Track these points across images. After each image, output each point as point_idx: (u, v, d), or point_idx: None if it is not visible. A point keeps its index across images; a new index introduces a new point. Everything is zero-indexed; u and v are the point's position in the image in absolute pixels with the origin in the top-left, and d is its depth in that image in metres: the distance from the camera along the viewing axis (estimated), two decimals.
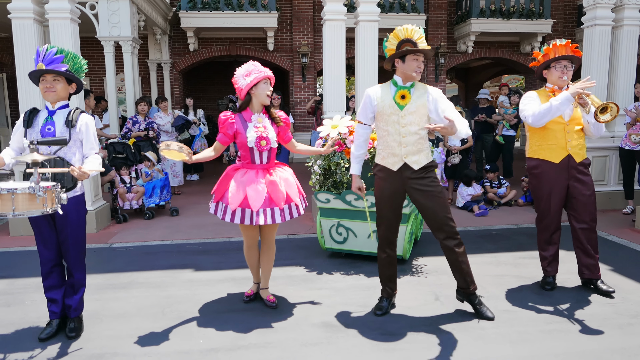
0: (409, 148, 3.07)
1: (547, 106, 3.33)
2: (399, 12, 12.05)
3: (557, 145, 3.49)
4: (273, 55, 12.66)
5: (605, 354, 2.76)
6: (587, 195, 3.53)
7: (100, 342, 2.96)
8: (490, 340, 2.93)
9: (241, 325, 3.16)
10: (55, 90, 2.89)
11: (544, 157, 3.55)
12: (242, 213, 3.12)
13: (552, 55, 3.48)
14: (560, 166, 3.51)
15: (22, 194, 2.51)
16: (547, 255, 3.72)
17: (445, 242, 3.15)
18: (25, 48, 5.30)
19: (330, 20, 5.84)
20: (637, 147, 5.97)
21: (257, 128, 3.16)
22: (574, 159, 3.50)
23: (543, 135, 3.54)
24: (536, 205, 3.73)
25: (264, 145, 3.16)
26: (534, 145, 3.61)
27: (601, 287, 3.59)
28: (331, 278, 4.05)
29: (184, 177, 8.95)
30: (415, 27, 3.05)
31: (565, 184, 3.54)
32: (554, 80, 3.51)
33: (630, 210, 6.28)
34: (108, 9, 7.89)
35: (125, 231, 5.76)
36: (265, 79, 3.18)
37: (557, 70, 3.48)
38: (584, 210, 3.54)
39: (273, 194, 3.15)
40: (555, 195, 3.56)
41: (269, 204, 3.14)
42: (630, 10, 6.44)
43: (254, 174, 3.18)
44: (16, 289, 3.89)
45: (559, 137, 3.49)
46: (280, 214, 3.18)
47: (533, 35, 12.90)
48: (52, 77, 2.88)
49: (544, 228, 3.70)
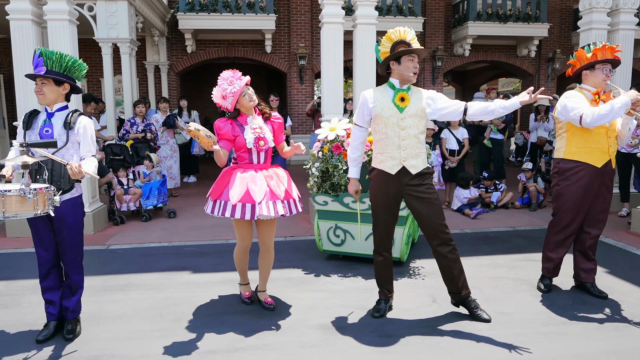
0: (408, 151, 3.08)
1: (609, 108, 3.20)
2: (397, 15, 12.11)
3: (599, 149, 3.41)
4: (271, 57, 12.68)
5: (602, 356, 2.77)
6: (607, 204, 3.54)
7: (97, 344, 2.95)
8: (488, 342, 2.94)
9: (239, 328, 3.16)
10: (44, 93, 2.89)
11: (586, 159, 3.43)
12: (243, 208, 3.12)
13: (600, 56, 3.41)
14: (599, 171, 3.44)
15: (13, 196, 2.51)
16: (555, 258, 3.65)
17: (438, 248, 3.16)
18: (23, 49, 5.29)
19: (328, 23, 5.86)
20: (633, 151, 6.02)
21: (253, 130, 3.22)
22: (612, 164, 3.47)
23: (587, 137, 3.41)
24: (558, 206, 3.59)
25: (262, 145, 3.22)
26: (574, 147, 3.48)
27: (595, 291, 3.61)
28: (329, 280, 4.06)
29: (181, 180, 8.94)
30: (407, 28, 3.08)
31: (596, 190, 3.49)
32: (597, 82, 3.44)
33: (626, 212, 6.31)
34: (106, 10, 7.90)
35: (122, 233, 5.75)
36: (243, 90, 3.19)
37: (602, 72, 3.42)
38: (603, 220, 3.56)
39: (274, 188, 3.19)
40: (586, 199, 3.48)
41: (270, 197, 3.17)
42: (625, 14, 6.50)
43: (253, 171, 3.23)
44: (13, 290, 3.88)
45: (602, 141, 3.41)
46: (282, 206, 3.20)
47: (529, 39, 12.98)
48: (40, 80, 2.89)
49: (560, 230, 3.59)
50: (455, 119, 3.21)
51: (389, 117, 3.08)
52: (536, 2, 12.49)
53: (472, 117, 3.18)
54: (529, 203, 6.96)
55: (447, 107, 3.14)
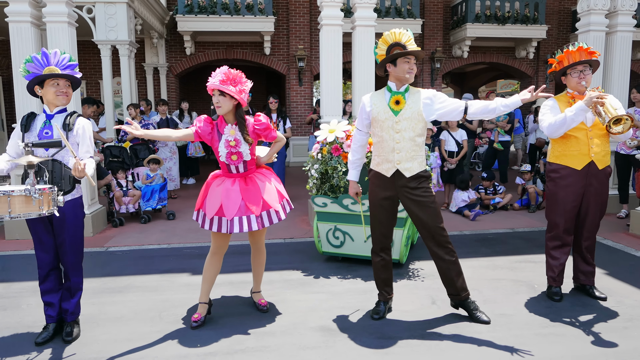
0: (402, 154, 3.08)
1: (562, 118, 3.28)
2: (395, 17, 12.13)
3: (579, 152, 3.40)
4: (270, 59, 12.69)
5: (601, 357, 2.78)
6: (598, 208, 3.50)
7: (97, 346, 2.95)
8: (487, 343, 2.94)
9: (238, 329, 3.16)
10: (68, 95, 2.96)
11: (566, 162, 3.45)
12: (219, 221, 3.08)
13: (566, 62, 3.42)
14: (581, 173, 3.43)
15: (18, 196, 2.52)
16: (557, 264, 3.59)
17: (435, 250, 3.17)
18: (22, 52, 5.29)
19: (327, 25, 5.87)
20: (632, 152, 6.02)
21: (228, 142, 3.07)
22: (596, 165, 3.41)
23: (565, 142, 3.45)
24: (549, 210, 3.60)
25: (235, 160, 3.10)
26: (556, 151, 3.52)
27: (594, 293, 3.61)
28: (328, 282, 4.06)
29: (180, 181, 8.94)
30: (402, 30, 3.07)
31: (582, 191, 3.47)
32: (572, 86, 3.45)
33: (624, 214, 6.32)
34: (105, 12, 7.90)
35: (121, 235, 5.74)
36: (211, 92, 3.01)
37: (573, 76, 3.42)
38: (593, 223, 3.53)
39: (248, 201, 3.09)
40: (570, 202, 3.47)
41: (244, 212, 3.07)
42: (623, 17, 6.52)
43: (230, 183, 3.13)
44: (12, 292, 3.87)
45: (581, 143, 3.40)
46: (257, 220, 3.09)
47: (528, 41, 13.01)
48: (66, 82, 2.93)
49: (555, 235, 3.59)
50: (455, 118, 3.14)
51: (385, 120, 3.08)
52: (534, 4, 12.52)
53: (473, 116, 3.12)
54: (528, 205, 6.97)
55: (446, 106, 3.08)
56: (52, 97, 2.91)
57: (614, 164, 6.45)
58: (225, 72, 2.96)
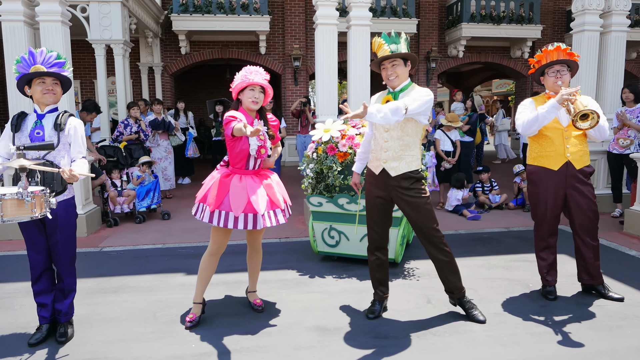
0: (389, 153, 3.11)
1: (534, 115, 3.33)
2: (391, 17, 12.15)
3: (555, 152, 3.43)
4: (265, 58, 12.67)
5: (595, 356, 2.79)
6: (587, 208, 3.46)
7: (90, 347, 2.93)
8: (482, 343, 2.95)
9: (233, 329, 3.15)
10: (56, 93, 2.92)
11: (542, 164, 3.49)
12: (245, 218, 3.05)
13: (544, 61, 3.46)
14: (558, 173, 3.44)
15: (10, 200, 2.49)
16: (545, 265, 3.62)
17: (430, 250, 3.20)
18: (15, 51, 5.25)
19: (322, 24, 5.87)
20: (625, 151, 6.05)
21: (258, 136, 3.10)
22: (574, 165, 3.42)
23: (541, 142, 3.49)
24: (533, 212, 3.67)
25: (263, 154, 3.15)
26: (534, 153, 3.56)
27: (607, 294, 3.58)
28: (323, 281, 4.05)
29: (176, 181, 8.91)
30: (380, 38, 3.08)
31: (562, 192, 3.48)
32: (549, 85, 3.47)
33: (618, 213, 6.35)
34: (99, 11, 7.87)
35: (116, 235, 5.72)
36: (251, 85, 3.05)
37: (550, 76, 3.45)
38: (587, 223, 3.49)
39: (272, 196, 3.16)
40: (551, 203, 3.49)
41: (270, 206, 3.13)
42: (618, 17, 6.55)
43: (250, 179, 3.13)
44: (5, 293, 3.84)
45: (557, 143, 3.42)
46: (282, 214, 3.20)
47: (523, 40, 13.06)
48: (52, 80, 2.89)
49: (540, 236, 3.62)
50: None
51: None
52: (529, 4, 12.57)
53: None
54: (522, 204, 7.00)
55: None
56: (39, 96, 2.88)
57: (607, 164, 6.49)
58: (263, 71, 3.13)
